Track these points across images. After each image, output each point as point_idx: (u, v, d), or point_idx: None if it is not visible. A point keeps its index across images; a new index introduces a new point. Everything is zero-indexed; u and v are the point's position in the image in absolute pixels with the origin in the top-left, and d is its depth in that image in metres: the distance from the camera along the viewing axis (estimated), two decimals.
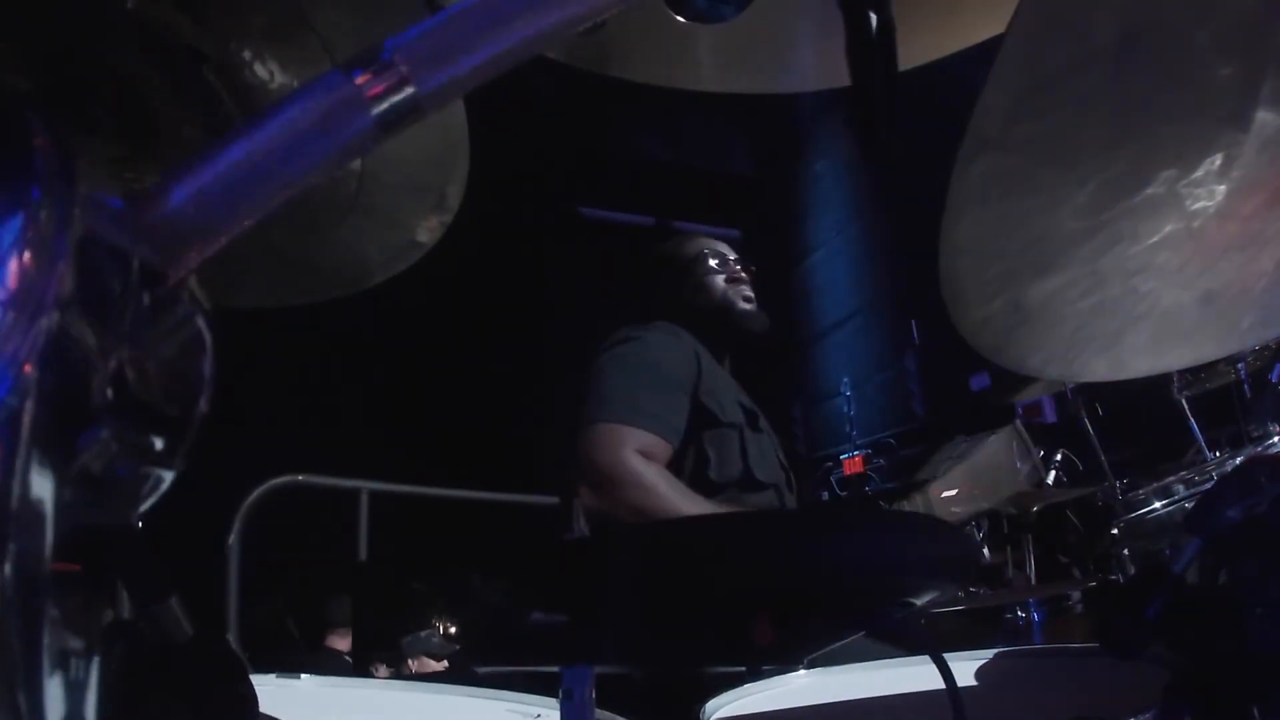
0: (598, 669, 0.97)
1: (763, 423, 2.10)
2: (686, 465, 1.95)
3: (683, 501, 1.83)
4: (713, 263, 2.23)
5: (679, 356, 2.02)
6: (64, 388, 0.32)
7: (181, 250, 0.35)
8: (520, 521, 4.64)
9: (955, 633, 3.04)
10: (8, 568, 0.29)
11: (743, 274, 2.23)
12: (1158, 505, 2.91)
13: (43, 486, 0.31)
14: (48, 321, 0.30)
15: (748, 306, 2.20)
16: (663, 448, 1.90)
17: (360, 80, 0.39)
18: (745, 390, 2.17)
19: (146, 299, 0.35)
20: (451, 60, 0.39)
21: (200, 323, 0.39)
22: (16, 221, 0.30)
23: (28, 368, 0.30)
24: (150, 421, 0.36)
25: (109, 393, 0.34)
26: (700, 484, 1.93)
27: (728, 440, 1.97)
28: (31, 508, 0.30)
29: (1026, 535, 3.42)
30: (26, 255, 0.30)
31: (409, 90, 0.39)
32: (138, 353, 0.35)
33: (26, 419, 0.30)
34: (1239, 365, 3.00)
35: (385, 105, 0.39)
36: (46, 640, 0.31)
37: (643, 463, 1.84)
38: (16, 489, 0.30)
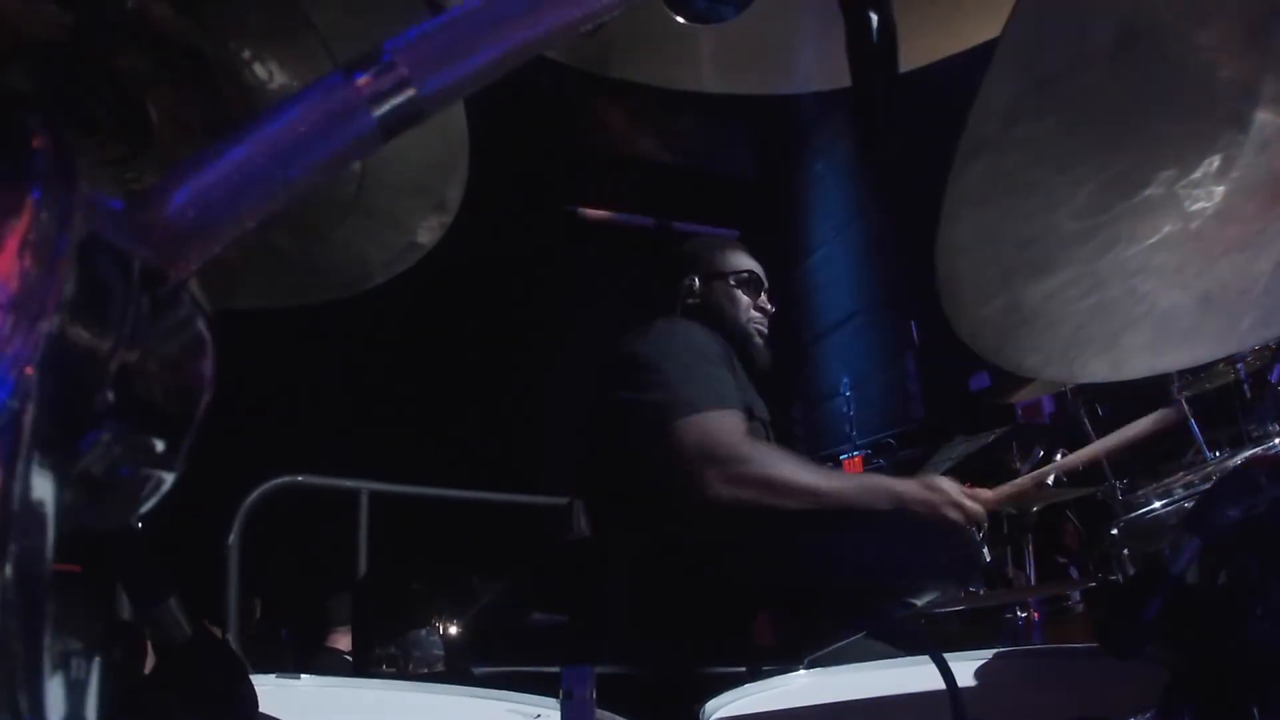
0: (598, 669, 0.97)
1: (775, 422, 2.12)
2: None
3: (796, 467, 1.78)
4: (753, 287, 2.25)
5: (714, 345, 2.03)
6: (65, 390, 0.32)
7: (182, 252, 0.35)
8: (521, 522, 4.65)
9: (955, 633, 3.04)
10: (9, 569, 0.29)
11: (768, 308, 2.26)
12: (1157, 505, 2.91)
13: (44, 489, 0.31)
14: (49, 324, 0.30)
15: (760, 342, 2.23)
16: (744, 421, 1.88)
17: (361, 82, 0.39)
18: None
19: (147, 301, 0.35)
20: (453, 62, 0.39)
21: (201, 325, 0.39)
22: (17, 224, 0.30)
23: (29, 370, 0.30)
24: (151, 423, 0.36)
25: (110, 395, 0.34)
26: None
27: (757, 436, 1.97)
28: (33, 510, 0.30)
29: (1026, 535, 3.43)
30: (28, 258, 0.30)
31: (410, 92, 0.39)
32: (139, 355, 0.35)
33: (28, 422, 0.30)
34: (1239, 365, 3.00)
35: (386, 107, 0.39)
36: (47, 641, 0.31)
37: (745, 436, 1.81)
38: (18, 491, 0.30)
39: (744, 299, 2.23)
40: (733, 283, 2.24)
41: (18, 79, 0.62)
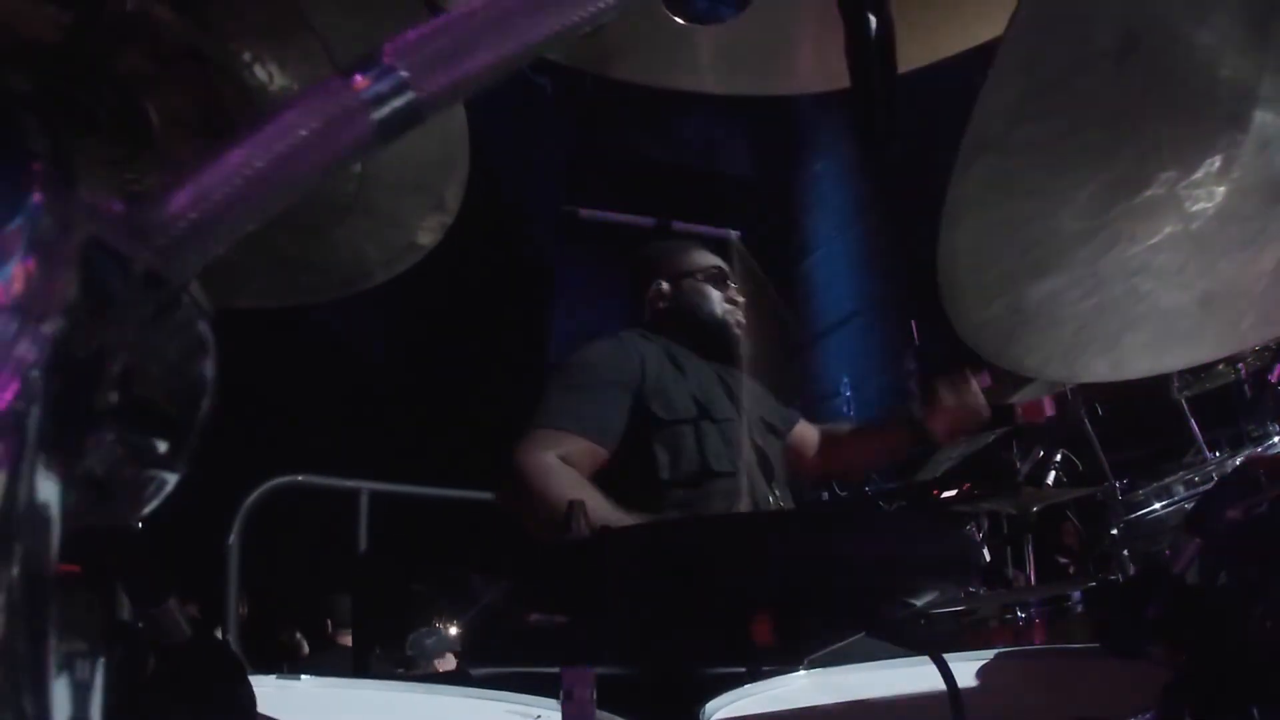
0: (598, 669, 0.97)
1: (719, 411, 2.06)
2: (633, 469, 1.95)
3: (570, 488, 1.82)
4: (720, 281, 2.26)
5: (617, 359, 2.04)
6: (69, 392, 0.32)
7: (182, 254, 0.35)
8: (520, 522, 4.64)
9: (955, 633, 3.04)
10: (14, 570, 0.29)
11: (739, 299, 2.28)
12: (1157, 506, 2.91)
13: (48, 490, 0.31)
14: (52, 327, 0.30)
15: (739, 331, 2.24)
16: (591, 451, 1.93)
17: (360, 85, 0.39)
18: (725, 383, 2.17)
19: (148, 303, 0.35)
20: (452, 64, 0.39)
21: (202, 326, 0.39)
22: (19, 227, 0.30)
23: (33, 373, 0.30)
24: (154, 425, 0.36)
25: (113, 397, 0.34)
26: (650, 486, 1.94)
27: (681, 438, 1.98)
28: (37, 511, 0.31)
29: (1026, 535, 3.43)
30: (30, 261, 0.30)
31: (409, 95, 0.39)
32: (141, 357, 0.35)
33: (33, 423, 0.30)
34: (1239, 365, 3.00)
35: (385, 110, 0.39)
36: (52, 642, 0.31)
37: (555, 464, 1.87)
38: (23, 492, 0.30)
39: (715, 293, 2.25)
40: (701, 279, 2.26)
41: (17, 79, 0.62)
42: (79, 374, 0.32)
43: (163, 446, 0.36)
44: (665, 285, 2.27)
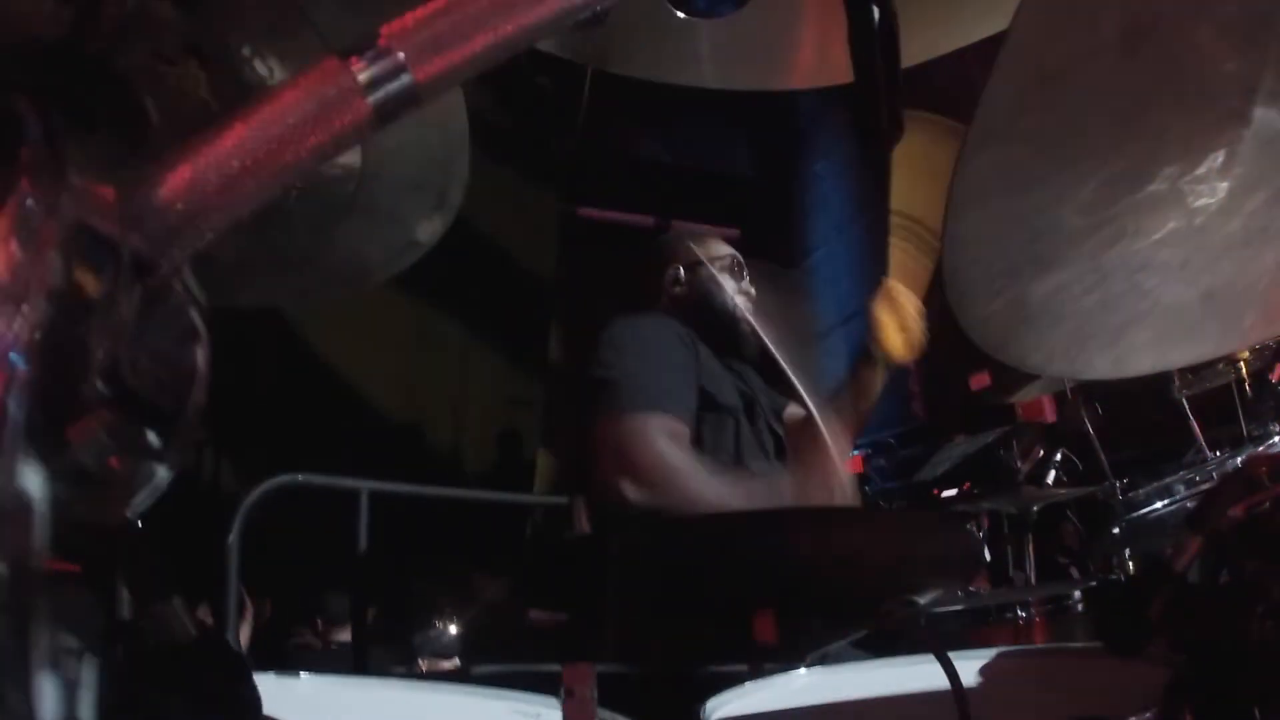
0: (599, 667, 0.97)
1: (759, 414, 2.11)
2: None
3: (715, 488, 1.83)
4: (735, 272, 2.28)
5: (676, 340, 2.05)
6: (53, 378, 0.31)
7: (174, 241, 0.35)
8: (521, 521, 4.64)
9: (954, 632, 3.04)
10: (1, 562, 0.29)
11: (752, 292, 2.29)
12: (1158, 505, 2.90)
13: (32, 479, 0.31)
14: (35, 311, 0.30)
15: (747, 329, 2.25)
16: (683, 430, 1.92)
17: (357, 67, 0.38)
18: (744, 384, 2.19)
19: (137, 290, 0.35)
20: (450, 48, 0.39)
21: (193, 314, 0.38)
22: (4, 210, 0.30)
23: (15, 357, 0.29)
24: (143, 414, 0.35)
25: (99, 384, 0.33)
26: None
27: (723, 425, 1.99)
28: (21, 501, 0.30)
29: (1026, 535, 3.42)
30: (13, 245, 0.30)
31: (406, 78, 0.39)
32: (129, 344, 0.34)
33: (15, 410, 0.30)
34: (1239, 365, 3.00)
35: (382, 93, 0.39)
36: (41, 638, 0.31)
37: (677, 453, 1.85)
38: (5, 481, 0.29)
39: (730, 282, 2.26)
40: (717, 268, 2.27)
41: (16, 74, 0.62)
42: (63, 359, 0.32)
43: (152, 437, 0.36)
44: (681, 272, 2.29)
